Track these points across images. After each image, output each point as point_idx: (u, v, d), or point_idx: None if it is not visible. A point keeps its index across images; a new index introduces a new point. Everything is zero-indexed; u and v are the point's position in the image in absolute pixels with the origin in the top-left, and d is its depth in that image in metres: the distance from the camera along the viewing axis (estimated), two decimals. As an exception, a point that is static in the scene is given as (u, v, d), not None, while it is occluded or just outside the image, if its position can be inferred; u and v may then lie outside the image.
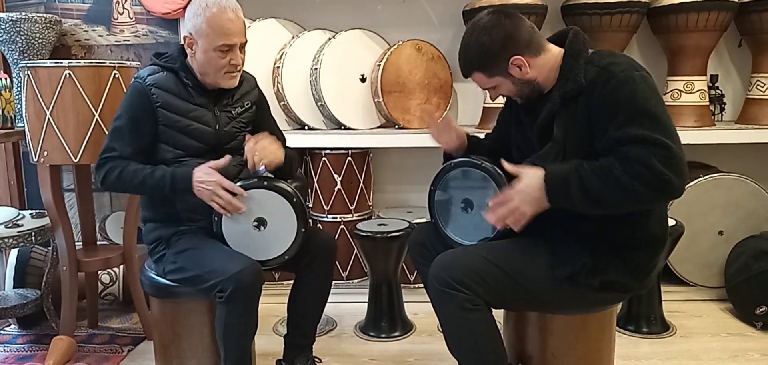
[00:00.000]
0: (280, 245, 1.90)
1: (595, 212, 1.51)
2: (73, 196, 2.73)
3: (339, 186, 3.01)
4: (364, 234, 2.52)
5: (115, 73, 2.32)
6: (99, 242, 2.82)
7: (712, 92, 3.01)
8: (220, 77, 1.88)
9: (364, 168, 3.08)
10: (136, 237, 2.57)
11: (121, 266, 2.81)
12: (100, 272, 2.83)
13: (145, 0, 2.99)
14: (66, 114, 2.26)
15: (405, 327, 2.67)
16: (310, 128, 2.99)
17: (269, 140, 1.91)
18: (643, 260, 1.62)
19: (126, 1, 3.10)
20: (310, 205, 3.08)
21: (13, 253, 2.78)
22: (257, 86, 2.10)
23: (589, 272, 1.59)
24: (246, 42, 1.90)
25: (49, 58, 2.97)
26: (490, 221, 1.61)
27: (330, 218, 3.04)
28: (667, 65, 2.96)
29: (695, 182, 2.82)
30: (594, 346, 1.78)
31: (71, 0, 3.13)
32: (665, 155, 1.41)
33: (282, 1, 3.13)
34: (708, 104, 2.90)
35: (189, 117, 1.89)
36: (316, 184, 3.04)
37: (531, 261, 1.63)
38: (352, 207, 3.05)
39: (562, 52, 1.62)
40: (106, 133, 2.27)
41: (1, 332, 2.74)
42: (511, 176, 1.60)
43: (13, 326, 2.78)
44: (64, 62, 2.26)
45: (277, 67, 2.93)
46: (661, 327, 2.60)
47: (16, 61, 2.88)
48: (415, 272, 3.00)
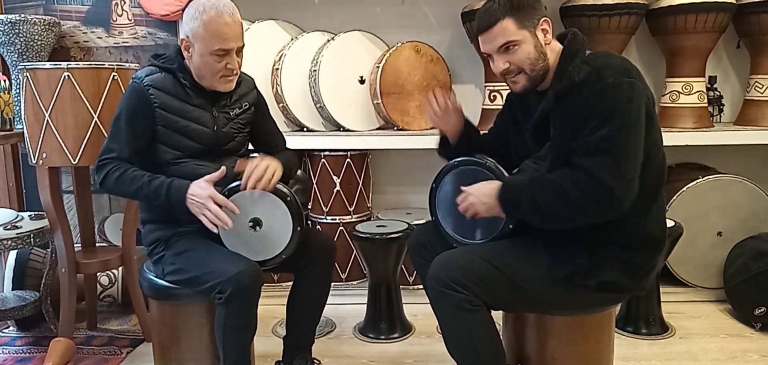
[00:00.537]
0: (276, 245, 1.90)
1: (550, 225, 1.58)
2: (72, 198, 2.72)
3: (338, 188, 3.01)
4: (363, 236, 2.52)
5: (113, 75, 2.32)
6: (98, 244, 2.82)
7: (711, 93, 3.02)
8: (216, 81, 1.88)
9: (363, 170, 3.08)
10: (135, 239, 2.57)
11: (120, 268, 2.81)
12: (99, 274, 2.83)
13: (143, 2, 2.99)
14: (65, 116, 2.26)
15: (404, 329, 2.67)
16: (309, 130, 2.99)
17: (265, 165, 1.83)
18: (640, 261, 1.62)
19: (125, 3, 3.10)
20: (309, 206, 3.08)
21: (12, 255, 2.78)
22: (256, 88, 2.09)
23: (587, 273, 1.59)
24: (243, 46, 1.89)
25: (48, 60, 2.97)
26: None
27: (329, 219, 3.04)
28: (665, 67, 2.96)
29: (694, 183, 2.82)
30: (593, 347, 1.78)
31: (70, 2, 3.13)
32: (612, 168, 1.45)
33: (281, 3, 3.13)
34: (706, 105, 2.91)
35: (187, 118, 1.89)
36: (315, 185, 3.04)
37: (529, 262, 1.63)
38: (351, 209, 3.05)
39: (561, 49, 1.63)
40: (105, 135, 2.29)
41: (0, 334, 2.73)
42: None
43: (11, 328, 2.78)
44: (63, 64, 2.26)
45: (276, 69, 2.93)
46: (660, 328, 2.60)
47: (15, 63, 2.88)
48: (415, 274, 3.00)
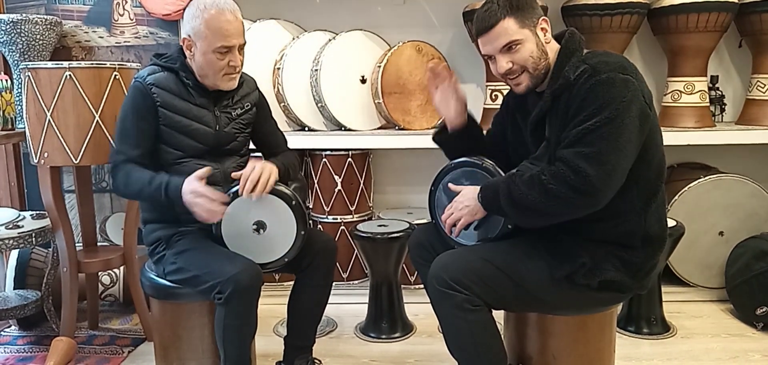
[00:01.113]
0: (279, 248, 1.89)
1: (533, 221, 1.59)
2: (74, 197, 2.73)
3: (339, 187, 3.01)
4: (364, 235, 2.52)
5: (115, 75, 2.32)
6: (99, 244, 2.83)
7: (713, 92, 3.01)
8: (219, 79, 1.88)
9: (365, 169, 3.08)
10: (137, 238, 2.57)
11: (122, 268, 2.81)
12: (100, 273, 2.83)
13: (145, 1, 2.99)
14: (66, 115, 2.26)
15: (405, 328, 2.67)
16: (310, 129, 2.98)
17: (260, 170, 1.82)
18: (641, 260, 1.62)
19: (126, 2, 3.11)
20: (310, 206, 3.08)
21: (14, 254, 2.78)
22: (257, 88, 2.10)
23: (588, 273, 1.59)
24: (245, 43, 1.90)
25: (50, 60, 2.97)
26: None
27: (330, 219, 3.04)
28: (667, 66, 2.96)
29: (696, 182, 2.82)
30: (594, 347, 1.78)
31: (72, 1, 3.13)
32: (590, 157, 1.45)
33: (282, 3, 3.13)
34: (708, 104, 2.90)
35: (189, 117, 1.89)
36: (316, 185, 3.04)
37: (529, 262, 1.63)
38: (353, 208, 3.05)
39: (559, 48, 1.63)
40: (107, 134, 2.30)
41: (2, 333, 2.74)
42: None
43: (13, 327, 2.78)
44: (65, 64, 2.26)
45: (278, 69, 2.93)
46: (661, 327, 2.60)
47: (16, 62, 2.89)
48: (416, 273, 3.00)
